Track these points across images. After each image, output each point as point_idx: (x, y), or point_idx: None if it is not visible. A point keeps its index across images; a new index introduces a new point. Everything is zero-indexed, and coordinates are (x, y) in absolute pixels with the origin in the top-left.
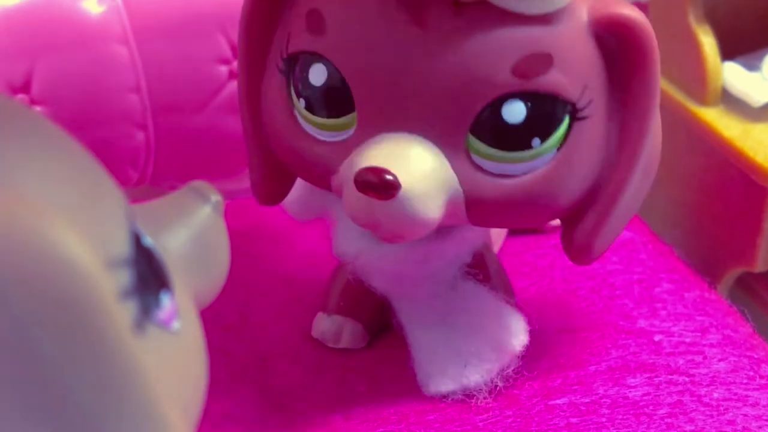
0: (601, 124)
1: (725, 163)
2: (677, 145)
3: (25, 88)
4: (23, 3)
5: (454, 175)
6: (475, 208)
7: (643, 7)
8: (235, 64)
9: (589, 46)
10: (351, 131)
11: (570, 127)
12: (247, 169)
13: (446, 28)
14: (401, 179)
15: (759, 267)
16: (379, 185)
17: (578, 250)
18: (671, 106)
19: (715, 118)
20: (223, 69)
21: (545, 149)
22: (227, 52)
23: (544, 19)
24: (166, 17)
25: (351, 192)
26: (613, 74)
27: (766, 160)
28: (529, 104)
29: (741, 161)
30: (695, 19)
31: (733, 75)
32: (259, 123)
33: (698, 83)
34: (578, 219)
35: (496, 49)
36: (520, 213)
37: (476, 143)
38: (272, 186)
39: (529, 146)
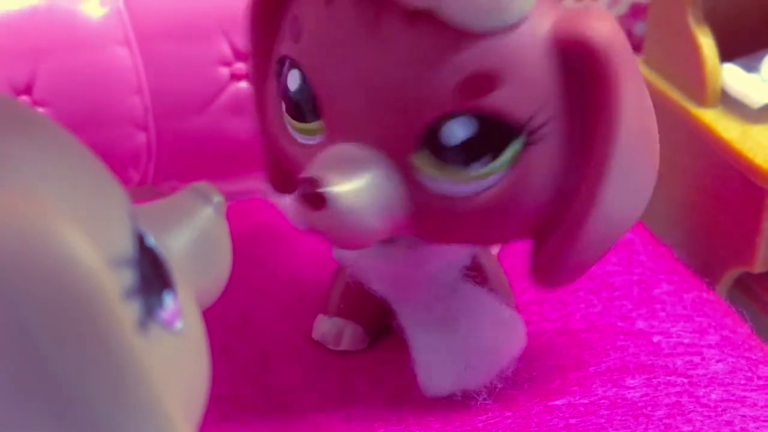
0: (561, 143)
1: (724, 165)
2: (676, 147)
3: (27, 90)
4: (26, 6)
5: (396, 190)
6: (420, 223)
7: (642, 9)
8: (236, 66)
9: (546, 65)
10: (320, 137)
11: (522, 148)
12: (248, 170)
13: (397, 38)
14: (331, 191)
15: (758, 268)
16: (312, 196)
17: (542, 272)
18: (670, 107)
19: (714, 119)
20: (225, 71)
21: (491, 170)
22: (228, 55)
23: (495, 36)
24: (167, 20)
25: (295, 198)
26: (576, 91)
27: (765, 162)
28: (474, 124)
29: (740, 162)
30: (694, 20)
31: (732, 76)
32: (266, 121)
33: (697, 84)
34: (544, 240)
35: (442, 65)
36: (470, 232)
37: (421, 160)
38: (283, 176)
39: (473, 166)
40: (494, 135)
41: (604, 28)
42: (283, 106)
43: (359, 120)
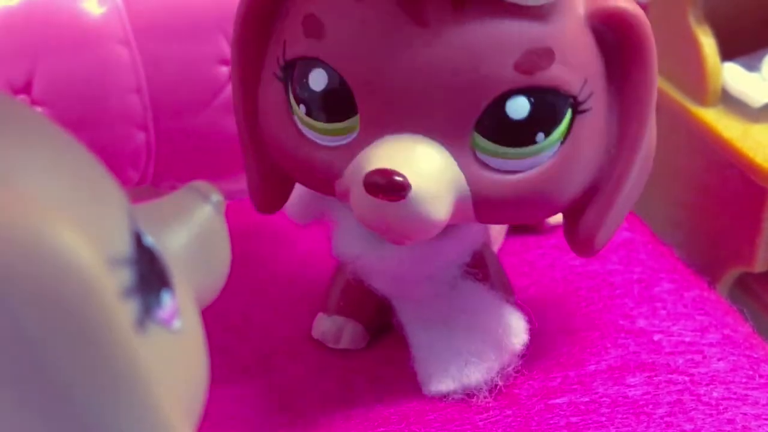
0: (602, 116)
1: (725, 164)
2: (677, 146)
3: (26, 88)
4: (24, 4)
5: (461, 173)
6: (482, 205)
7: (643, 8)
8: None
9: (587, 40)
10: (353, 135)
11: (572, 120)
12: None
13: (446, 25)
14: (410, 180)
15: (758, 267)
16: (389, 187)
17: (583, 242)
18: (671, 106)
19: (714, 118)
20: (224, 69)
21: (549, 143)
22: (227, 53)
23: (543, 14)
24: (166, 18)
25: (360, 195)
26: (611, 67)
27: (765, 161)
28: (533, 99)
29: (740, 162)
30: (695, 19)
31: (732, 75)
32: (256, 131)
33: (698, 84)
34: (581, 212)
35: (498, 46)
36: (526, 208)
37: (481, 140)
38: (270, 193)
39: (533, 141)
40: (551, 108)
41: (632, 4)
42: (303, 109)
43: (410, 110)
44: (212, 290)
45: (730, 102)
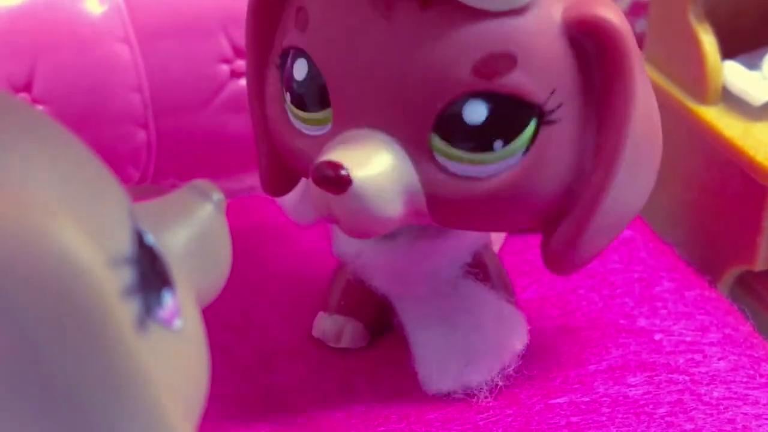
0: (574, 128)
1: (725, 162)
2: (677, 144)
3: (26, 87)
4: (25, 3)
5: (414, 173)
6: (437, 207)
7: (643, 6)
8: (236, 63)
9: (560, 47)
10: (328, 126)
11: (537, 130)
12: (248, 168)
13: (411, 23)
14: (354, 174)
15: (759, 266)
16: (330, 179)
17: (554, 258)
18: (671, 104)
19: (715, 117)
20: (225, 68)
21: (509, 152)
22: (228, 52)
23: (510, 17)
24: (167, 17)
25: (312, 185)
26: (589, 77)
27: (766, 159)
28: (491, 105)
29: (741, 160)
30: (695, 18)
31: (733, 74)
32: (265, 118)
33: (698, 82)
34: (555, 226)
35: (458, 47)
36: (486, 216)
37: (439, 142)
38: (279, 177)
39: (490, 148)
40: (511, 116)
41: (614, 12)
42: (288, 97)
43: (373, 105)
44: (213, 289)
45: (731, 100)
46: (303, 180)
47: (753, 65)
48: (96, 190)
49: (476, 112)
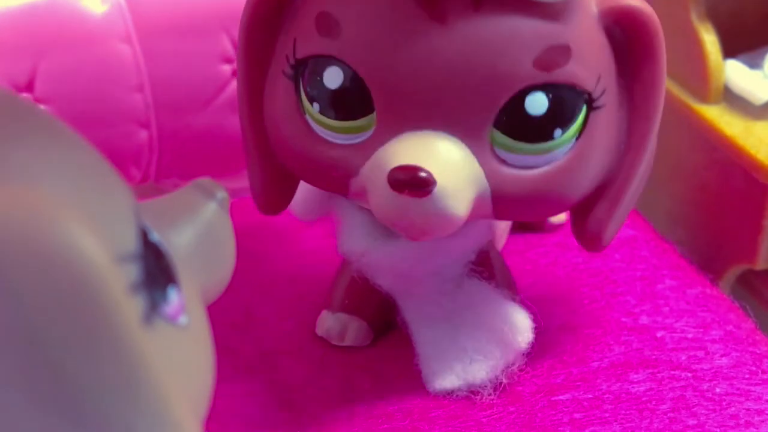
0: (613, 113)
1: (727, 161)
2: (679, 143)
3: (28, 87)
4: (26, 3)
5: (480, 169)
6: (500, 201)
7: None
8: None
9: (600, 37)
10: (369, 132)
11: (587, 116)
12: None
13: (465, 21)
14: (435, 175)
15: (760, 264)
16: (414, 183)
17: (592, 238)
18: (673, 103)
19: (716, 115)
20: (226, 68)
21: (565, 139)
22: (230, 51)
23: (560, 11)
24: (169, 16)
25: (382, 192)
26: (621, 64)
27: (767, 158)
28: (551, 96)
29: (742, 159)
30: (697, 16)
31: (734, 73)
32: (261, 130)
33: (700, 81)
34: (590, 208)
35: (517, 43)
36: (542, 203)
37: (500, 136)
38: (274, 194)
39: (551, 137)
40: (568, 104)
41: (643, 3)
42: (317, 107)
43: (429, 107)
44: (217, 287)
45: (732, 99)
46: None
47: (755, 64)
48: (101, 187)
49: (538, 104)
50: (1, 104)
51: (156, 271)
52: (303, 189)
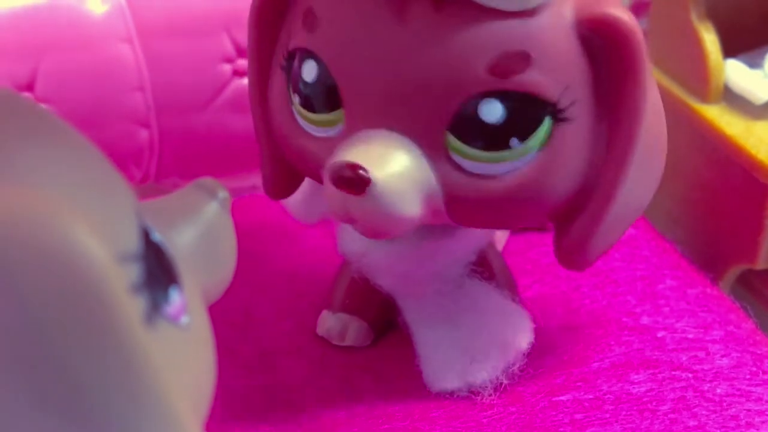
0: (587, 126)
1: (727, 161)
2: (679, 143)
3: (29, 87)
4: (28, 3)
5: (431, 173)
6: (454, 207)
7: (645, 5)
8: (238, 62)
9: (572, 46)
10: (339, 127)
11: (552, 128)
12: (251, 167)
13: (426, 24)
14: (373, 175)
15: (761, 264)
16: (350, 180)
17: (568, 254)
18: (673, 103)
19: (717, 115)
20: (227, 67)
21: (525, 150)
22: (231, 51)
23: (524, 17)
24: (169, 16)
25: (328, 186)
26: (600, 75)
27: (767, 158)
28: (507, 103)
29: (743, 159)
30: (697, 16)
31: (735, 72)
32: (268, 120)
33: (700, 80)
34: (569, 222)
35: (473, 46)
36: (503, 214)
37: (455, 142)
38: (282, 180)
39: (507, 146)
40: (527, 114)
41: (624, 11)
42: (297, 99)
43: (387, 106)
44: (218, 287)
45: (733, 99)
46: (307, 179)
47: (755, 64)
48: (104, 187)
49: (493, 111)
50: (4, 104)
51: (158, 271)
52: (302, 191)
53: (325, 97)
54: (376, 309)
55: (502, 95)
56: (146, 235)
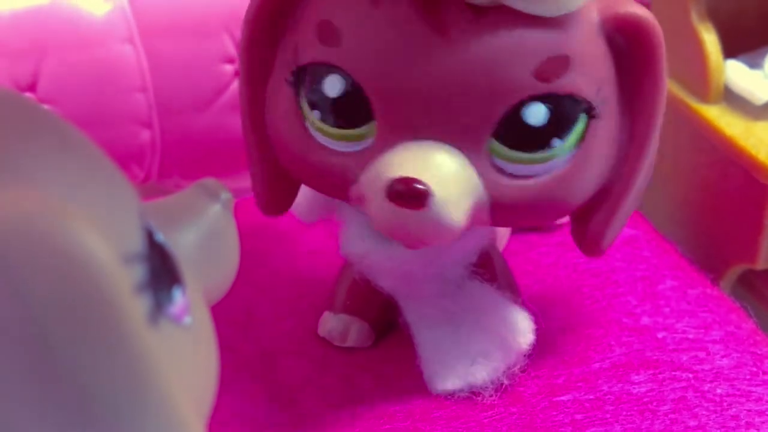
0: (613, 121)
1: (727, 161)
2: (679, 143)
3: (31, 87)
4: (30, 4)
5: (478, 179)
6: (499, 210)
7: (645, 5)
8: None
9: (600, 46)
10: (369, 141)
11: (586, 126)
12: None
13: (466, 33)
14: (432, 187)
15: (761, 264)
16: (412, 195)
17: (591, 243)
18: (673, 103)
19: (717, 115)
20: (228, 68)
21: (564, 149)
22: (232, 52)
23: (561, 22)
24: (171, 17)
25: (380, 203)
26: (622, 73)
27: (767, 158)
28: (550, 106)
29: (743, 159)
30: (697, 16)
31: (735, 73)
32: (263, 134)
33: (700, 81)
34: (590, 214)
35: (517, 54)
36: (541, 212)
37: (498, 146)
38: (276, 196)
39: (549, 147)
40: (567, 114)
41: (644, 10)
42: (317, 114)
43: (428, 117)
44: (221, 287)
45: (733, 99)
46: None
47: (755, 64)
48: (107, 188)
49: (537, 114)
50: (8, 105)
51: (161, 271)
52: (305, 190)
53: (353, 111)
54: (378, 310)
55: (545, 98)
56: (150, 236)
